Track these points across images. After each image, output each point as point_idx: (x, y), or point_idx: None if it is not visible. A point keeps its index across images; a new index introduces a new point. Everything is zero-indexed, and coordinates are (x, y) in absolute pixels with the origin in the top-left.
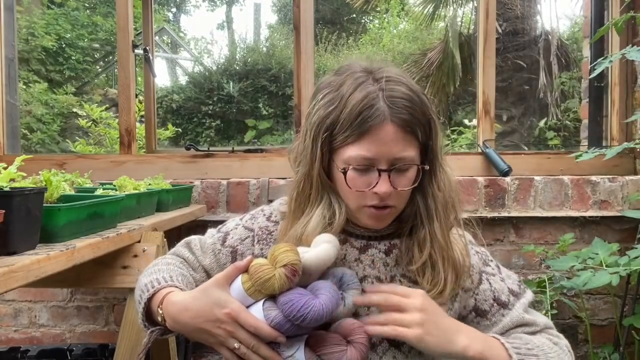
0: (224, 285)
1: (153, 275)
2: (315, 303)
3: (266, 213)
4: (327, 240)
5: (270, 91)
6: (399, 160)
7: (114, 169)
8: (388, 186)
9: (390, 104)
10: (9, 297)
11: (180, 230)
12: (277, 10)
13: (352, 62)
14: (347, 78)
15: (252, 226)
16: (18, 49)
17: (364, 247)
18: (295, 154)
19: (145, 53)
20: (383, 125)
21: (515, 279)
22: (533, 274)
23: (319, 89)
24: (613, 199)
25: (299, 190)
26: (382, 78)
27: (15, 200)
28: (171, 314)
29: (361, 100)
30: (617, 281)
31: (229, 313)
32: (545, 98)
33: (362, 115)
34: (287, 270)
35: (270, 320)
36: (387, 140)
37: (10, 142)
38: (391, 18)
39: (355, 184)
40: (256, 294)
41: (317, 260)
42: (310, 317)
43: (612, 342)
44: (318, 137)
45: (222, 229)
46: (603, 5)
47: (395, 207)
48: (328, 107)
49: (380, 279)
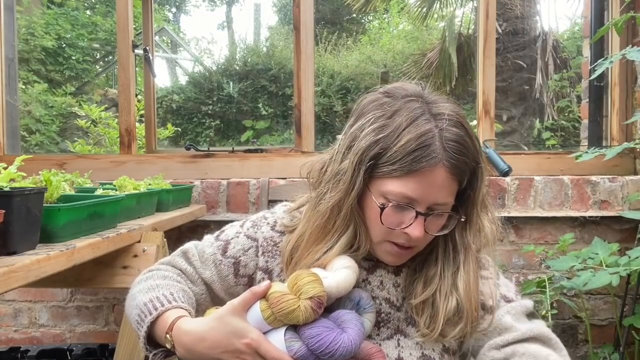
0: (241, 312)
1: (152, 292)
2: (344, 339)
3: (270, 222)
4: (347, 265)
5: (270, 91)
6: (439, 207)
7: (114, 169)
8: (421, 230)
9: (446, 147)
10: (9, 297)
11: (180, 230)
12: (277, 10)
13: (406, 85)
14: (402, 106)
15: (256, 236)
16: (18, 49)
17: (372, 268)
18: (319, 171)
19: (145, 53)
20: (435, 169)
21: (513, 288)
22: (533, 274)
23: (366, 110)
24: (613, 199)
25: (325, 218)
26: (441, 115)
27: (15, 200)
28: (184, 344)
29: (417, 138)
30: (617, 281)
31: (250, 343)
32: (542, 98)
33: (416, 154)
34: (314, 303)
35: (294, 353)
36: (435, 184)
37: (10, 142)
38: (391, 18)
39: (388, 221)
40: (276, 322)
41: (337, 289)
42: (339, 354)
43: (612, 342)
44: (362, 163)
45: (220, 237)
46: (603, 5)
47: (417, 247)
48: (378, 133)
49: (391, 300)
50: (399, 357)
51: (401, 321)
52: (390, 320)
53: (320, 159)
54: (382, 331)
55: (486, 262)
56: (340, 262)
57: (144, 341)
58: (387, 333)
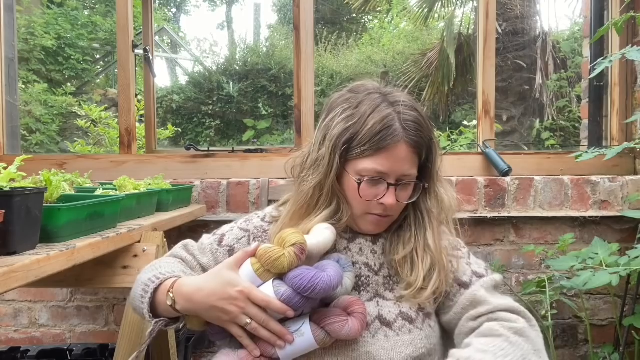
0: (234, 268)
1: (155, 271)
2: (323, 276)
3: (260, 215)
4: (326, 227)
5: (270, 91)
6: (406, 177)
7: (114, 169)
8: (394, 199)
9: (405, 126)
10: (9, 297)
11: (180, 230)
12: (277, 10)
13: (365, 82)
14: (364, 98)
15: (248, 227)
16: (17, 48)
17: (352, 238)
18: (301, 164)
19: (145, 53)
20: (398, 145)
21: (483, 265)
22: (533, 274)
23: (335, 104)
24: (613, 199)
25: (308, 197)
26: (396, 102)
27: (15, 200)
28: (185, 295)
29: (381, 121)
30: (617, 281)
31: (242, 290)
32: (542, 98)
33: (381, 134)
34: (296, 249)
35: (280, 295)
36: (400, 158)
37: (10, 142)
38: (392, 18)
39: (365, 194)
40: (265, 274)
41: (318, 245)
42: (319, 288)
43: (612, 342)
44: (337, 148)
45: (217, 232)
46: (603, 5)
47: (393, 216)
48: (347, 122)
49: (369, 265)
50: (379, 314)
51: (379, 285)
52: (370, 283)
53: (300, 153)
54: (362, 295)
55: (458, 244)
56: (319, 226)
57: (148, 309)
58: (367, 296)
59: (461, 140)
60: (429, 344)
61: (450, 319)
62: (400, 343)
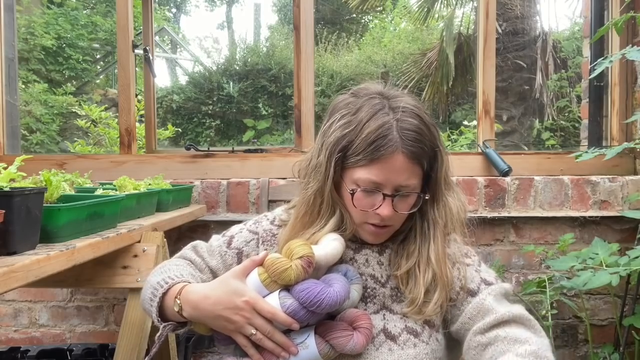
0: (241, 277)
1: (164, 274)
2: (330, 290)
3: (269, 218)
4: (335, 237)
5: (270, 91)
6: (403, 188)
7: (114, 169)
8: (390, 210)
9: (402, 135)
10: (9, 297)
11: (180, 230)
12: (277, 10)
13: (370, 85)
14: (364, 103)
15: (257, 229)
16: (17, 48)
17: (358, 248)
18: (305, 167)
19: (145, 53)
20: (393, 155)
21: (493, 274)
22: (533, 274)
23: (335, 109)
24: (613, 199)
25: (310, 204)
26: (398, 108)
27: (15, 200)
28: (191, 302)
29: (376, 129)
30: (617, 281)
31: (248, 301)
32: (542, 98)
33: (376, 144)
34: (304, 262)
35: (286, 308)
36: (395, 169)
37: (10, 142)
38: (392, 18)
39: (360, 204)
40: (272, 285)
41: (326, 256)
42: (325, 303)
43: (612, 342)
44: (333, 155)
45: (226, 234)
46: (603, 5)
47: (393, 226)
48: (344, 129)
49: (375, 276)
50: (384, 328)
51: (386, 297)
52: (376, 295)
53: (306, 156)
54: (369, 306)
55: (468, 252)
56: (328, 237)
57: (157, 313)
58: (373, 308)
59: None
60: (434, 357)
61: (458, 328)
62: (404, 357)
